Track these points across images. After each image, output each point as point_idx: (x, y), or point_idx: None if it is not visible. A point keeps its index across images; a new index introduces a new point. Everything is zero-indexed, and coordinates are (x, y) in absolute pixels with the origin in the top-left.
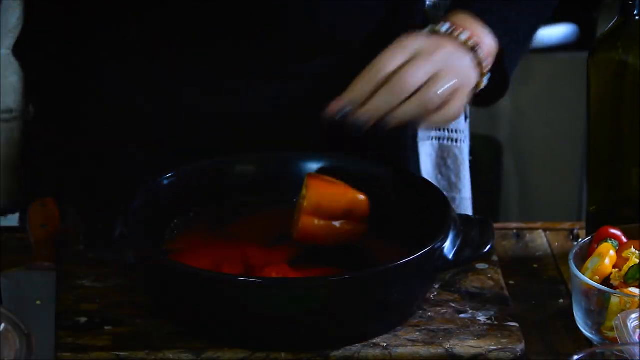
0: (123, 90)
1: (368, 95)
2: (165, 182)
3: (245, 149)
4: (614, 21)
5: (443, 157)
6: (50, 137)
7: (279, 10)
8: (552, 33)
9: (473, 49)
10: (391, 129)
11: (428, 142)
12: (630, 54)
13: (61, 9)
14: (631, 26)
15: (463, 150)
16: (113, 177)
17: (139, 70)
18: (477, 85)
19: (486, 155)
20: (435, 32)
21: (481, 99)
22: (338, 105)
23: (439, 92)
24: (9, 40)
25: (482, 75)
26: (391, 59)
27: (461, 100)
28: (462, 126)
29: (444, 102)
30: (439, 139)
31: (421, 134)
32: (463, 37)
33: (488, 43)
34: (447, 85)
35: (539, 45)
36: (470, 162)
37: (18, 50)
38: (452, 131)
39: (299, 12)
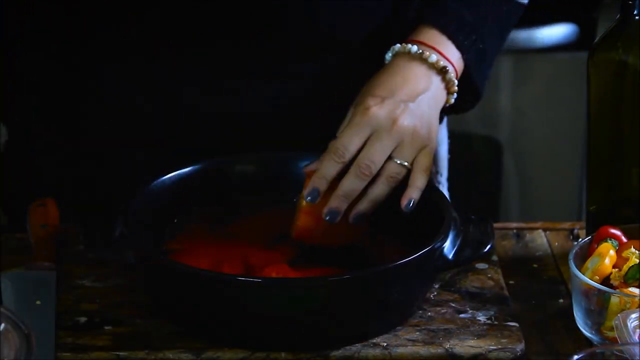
0: (123, 90)
1: (333, 178)
2: (165, 182)
3: (245, 149)
4: (613, 21)
5: None
6: (50, 137)
7: (279, 10)
8: (552, 33)
9: (442, 71)
10: (367, 214)
11: None
12: (630, 54)
13: (61, 8)
14: (631, 26)
15: (441, 130)
16: (113, 177)
17: (139, 70)
18: (446, 102)
19: (486, 155)
20: (404, 54)
21: (454, 110)
22: (308, 190)
23: (404, 163)
24: None
25: (449, 94)
26: (350, 140)
27: (430, 151)
28: None
29: (414, 163)
30: None
31: None
32: (433, 59)
33: (456, 61)
34: (410, 152)
35: (539, 45)
36: (470, 162)
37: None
38: None
39: (299, 12)
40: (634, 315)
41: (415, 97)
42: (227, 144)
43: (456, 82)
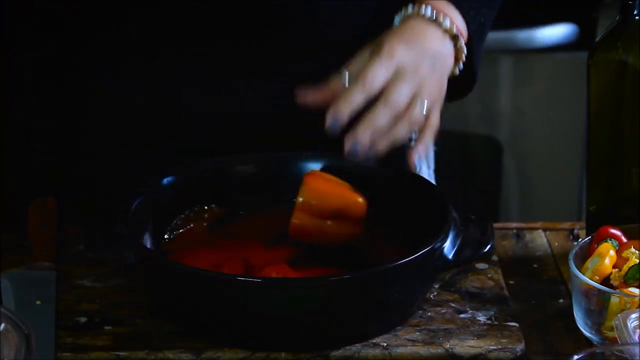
0: (123, 90)
1: (361, 109)
2: (165, 182)
3: (245, 149)
4: (613, 21)
5: None
6: (50, 137)
7: (279, 10)
8: (552, 33)
9: (454, 37)
10: (380, 154)
11: None
12: (630, 54)
13: (61, 8)
14: (631, 26)
15: None
16: (113, 177)
17: (139, 70)
18: (452, 72)
19: (486, 155)
20: (417, 16)
21: (449, 95)
22: (329, 119)
23: (424, 112)
24: None
25: (456, 63)
26: (378, 71)
27: (439, 109)
28: None
29: (427, 118)
30: None
31: None
32: (446, 24)
33: (463, 30)
34: (428, 102)
35: (539, 45)
36: (470, 162)
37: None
38: None
39: (299, 12)
40: (634, 316)
41: (433, 54)
42: (227, 144)
43: (465, 50)
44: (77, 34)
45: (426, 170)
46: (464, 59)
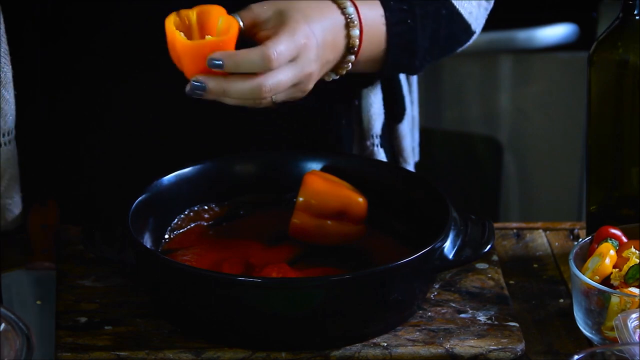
0: (123, 92)
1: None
2: (166, 182)
3: (245, 149)
4: (613, 21)
5: None
6: (51, 138)
7: None
8: (552, 33)
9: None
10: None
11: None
12: (630, 53)
13: (67, 15)
14: (631, 26)
15: (403, 124)
16: (113, 177)
17: (139, 70)
18: (343, 62)
19: (486, 155)
20: None
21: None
22: (211, 59)
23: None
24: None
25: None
26: (284, 56)
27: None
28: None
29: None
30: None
31: None
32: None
33: (368, 18)
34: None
35: (539, 45)
36: (470, 162)
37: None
38: None
39: None
40: (634, 316)
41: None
42: (227, 144)
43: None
44: (79, 36)
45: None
46: (354, 48)
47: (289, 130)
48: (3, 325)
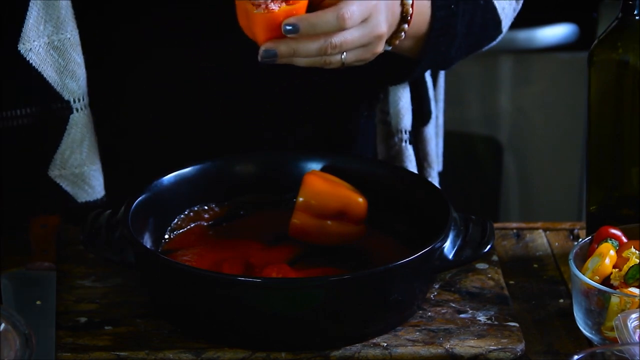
0: (123, 91)
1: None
2: (166, 182)
3: (245, 149)
4: (613, 21)
5: None
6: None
7: None
8: (552, 33)
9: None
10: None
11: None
12: (630, 54)
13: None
14: (631, 26)
15: (429, 126)
16: (113, 177)
17: (139, 70)
18: (397, 31)
19: (486, 155)
20: None
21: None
22: (290, 21)
23: (345, 59)
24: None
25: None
26: (357, 18)
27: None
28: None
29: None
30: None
31: None
32: None
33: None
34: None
35: (539, 45)
36: (470, 162)
37: None
38: None
39: None
40: (634, 316)
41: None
42: (227, 144)
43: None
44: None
45: (432, 173)
46: (408, 14)
47: (289, 130)
48: (3, 325)
